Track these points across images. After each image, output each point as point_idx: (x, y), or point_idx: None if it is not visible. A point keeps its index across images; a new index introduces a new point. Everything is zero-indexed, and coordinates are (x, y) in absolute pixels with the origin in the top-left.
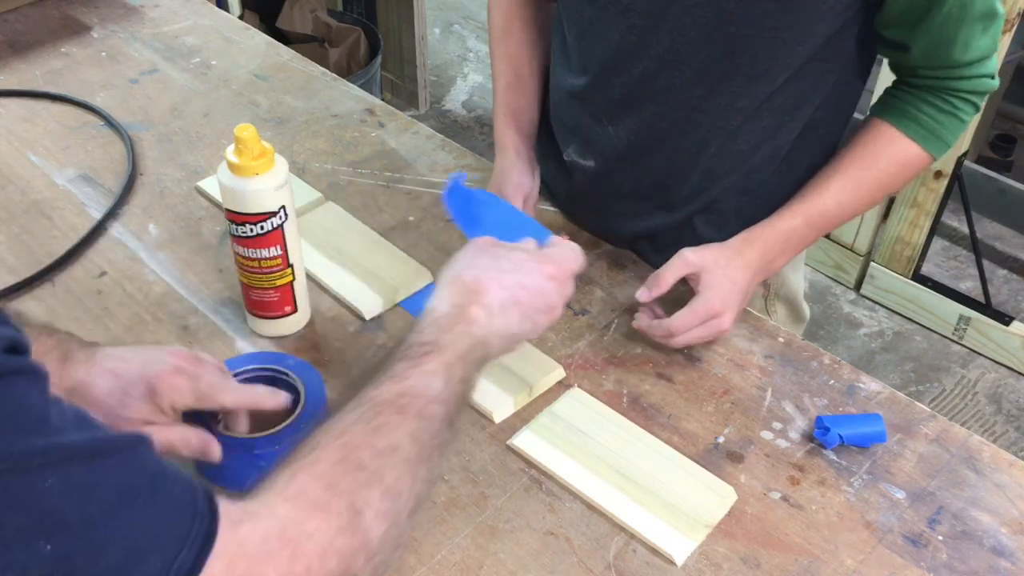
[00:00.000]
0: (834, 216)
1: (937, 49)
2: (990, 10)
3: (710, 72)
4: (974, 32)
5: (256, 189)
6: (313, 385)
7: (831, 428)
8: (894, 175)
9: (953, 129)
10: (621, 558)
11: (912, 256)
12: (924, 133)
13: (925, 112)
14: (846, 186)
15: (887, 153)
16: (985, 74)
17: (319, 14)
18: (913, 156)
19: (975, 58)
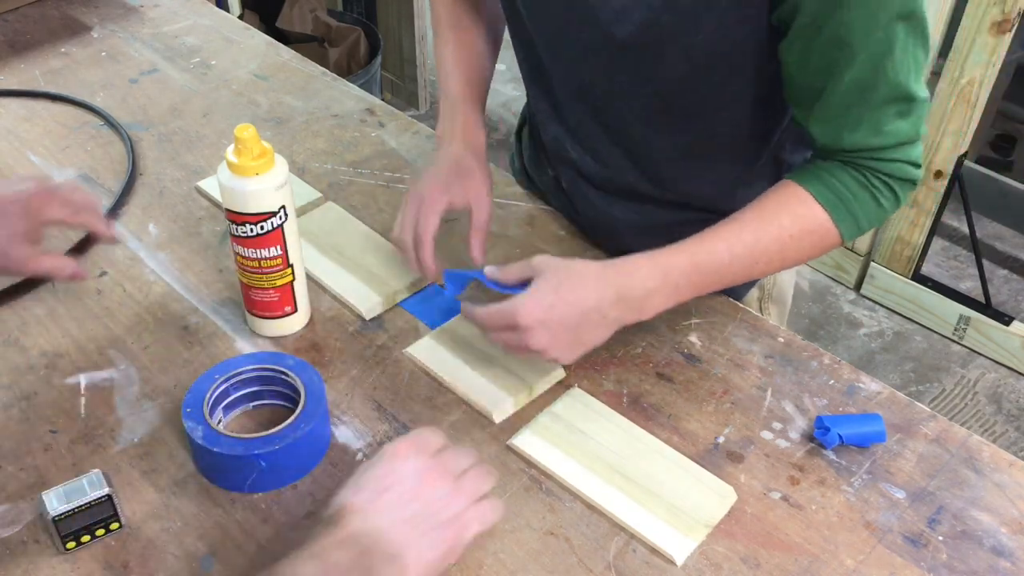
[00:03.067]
0: (725, 266)
1: (841, 131)
2: (902, 94)
3: (644, 112)
4: (884, 116)
5: (256, 189)
6: (313, 385)
7: (831, 428)
8: (795, 238)
9: (867, 209)
10: (621, 558)
11: (912, 256)
12: (834, 201)
13: (840, 180)
14: (743, 237)
15: (792, 212)
16: (904, 159)
17: (319, 14)
18: (819, 224)
19: (889, 143)
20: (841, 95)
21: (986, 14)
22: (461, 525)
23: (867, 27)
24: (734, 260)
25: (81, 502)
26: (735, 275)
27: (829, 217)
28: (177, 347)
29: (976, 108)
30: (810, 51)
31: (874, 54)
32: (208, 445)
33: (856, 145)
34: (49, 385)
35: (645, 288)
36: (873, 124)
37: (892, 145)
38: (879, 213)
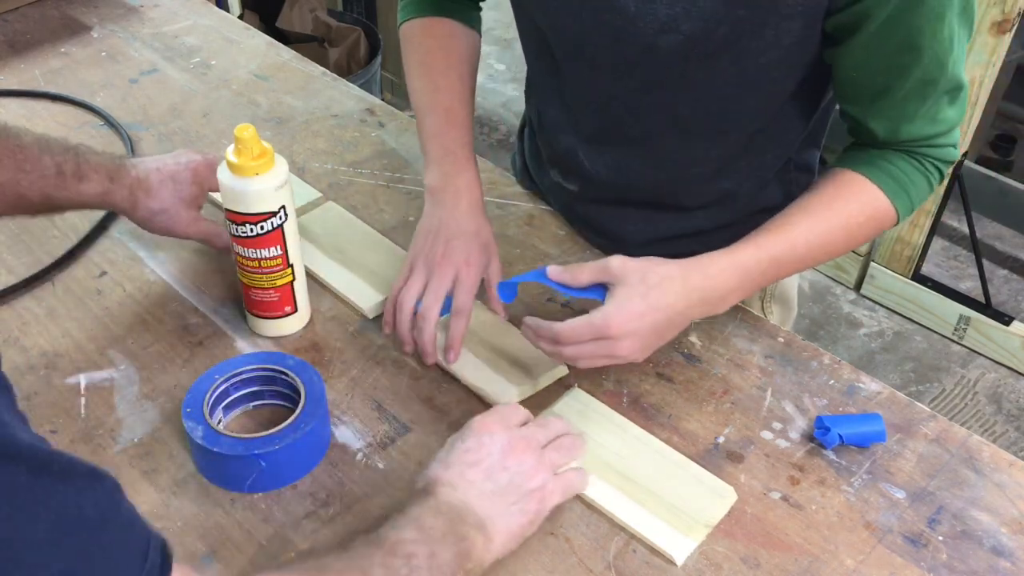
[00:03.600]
0: (801, 257)
1: (900, 124)
2: (956, 84)
3: (677, 125)
4: (940, 105)
5: (256, 189)
6: (313, 385)
7: (831, 428)
8: (862, 224)
9: (921, 190)
10: (621, 558)
11: (912, 256)
12: (895, 187)
13: (897, 166)
14: (815, 227)
15: (858, 200)
16: (951, 144)
17: (319, 14)
18: (882, 208)
19: (942, 130)
20: (905, 92)
21: (986, 14)
22: (543, 495)
23: (935, 28)
24: (809, 251)
25: None
26: (806, 264)
27: (891, 203)
28: (177, 347)
29: (976, 108)
30: (876, 54)
31: (940, 52)
32: (208, 445)
33: (913, 136)
34: (49, 385)
35: (727, 287)
36: (930, 115)
37: (944, 132)
38: (928, 191)
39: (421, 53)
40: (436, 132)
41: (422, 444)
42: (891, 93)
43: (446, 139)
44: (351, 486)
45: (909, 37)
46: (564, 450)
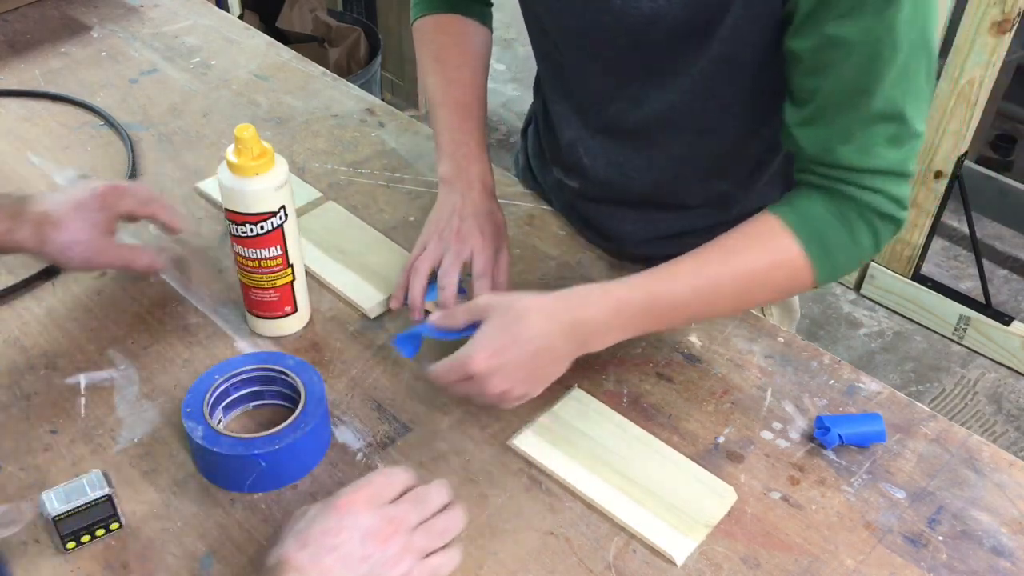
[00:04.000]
0: (684, 302)
1: (830, 142)
2: (896, 113)
3: (672, 121)
4: (874, 136)
5: (256, 189)
6: (313, 385)
7: (831, 428)
8: (764, 271)
9: (845, 247)
10: (621, 558)
11: (912, 256)
12: (808, 231)
13: (817, 211)
14: (705, 271)
15: (763, 243)
16: (887, 193)
17: (319, 14)
18: (791, 256)
19: (875, 167)
20: (835, 94)
21: (986, 14)
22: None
23: (865, 31)
24: (696, 296)
25: (81, 502)
26: (698, 311)
27: (802, 249)
28: (177, 347)
29: (976, 108)
30: (804, 45)
31: (871, 56)
32: (208, 445)
33: (840, 161)
34: (49, 385)
35: (596, 323)
36: (862, 142)
37: (878, 171)
38: (857, 251)
39: (435, 49)
40: (449, 125)
41: (422, 444)
42: (820, 95)
43: (458, 132)
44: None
45: (839, 30)
46: (437, 534)
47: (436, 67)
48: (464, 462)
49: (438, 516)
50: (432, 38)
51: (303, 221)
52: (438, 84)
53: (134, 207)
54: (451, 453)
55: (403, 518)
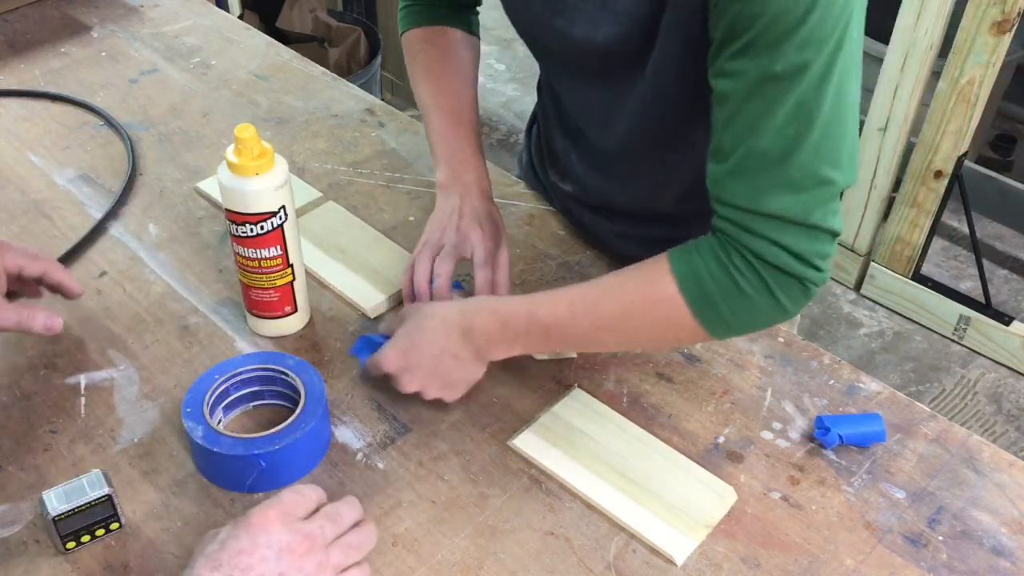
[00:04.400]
0: (566, 324)
1: (725, 177)
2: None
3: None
4: (765, 177)
5: (256, 189)
6: (313, 385)
7: (831, 428)
8: (639, 306)
9: (729, 297)
10: (621, 558)
11: (912, 256)
12: (687, 275)
13: (701, 254)
14: (586, 296)
15: (642, 279)
16: (782, 243)
17: (319, 14)
18: (666, 296)
19: (768, 211)
20: (727, 129)
21: (986, 14)
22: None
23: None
24: (575, 318)
25: (81, 502)
26: (579, 335)
27: (679, 293)
28: (177, 347)
29: (976, 108)
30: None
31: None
32: (208, 445)
33: (731, 199)
34: (49, 385)
35: (486, 333)
36: (752, 179)
37: (768, 215)
38: (746, 303)
39: (424, 59)
40: (443, 133)
41: (422, 444)
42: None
43: (453, 139)
44: (351, 486)
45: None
46: (352, 549)
47: (426, 76)
48: (464, 462)
49: (352, 531)
50: (420, 48)
51: (303, 221)
52: (429, 93)
53: (23, 263)
54: (451, 453)
55: (318, 534)
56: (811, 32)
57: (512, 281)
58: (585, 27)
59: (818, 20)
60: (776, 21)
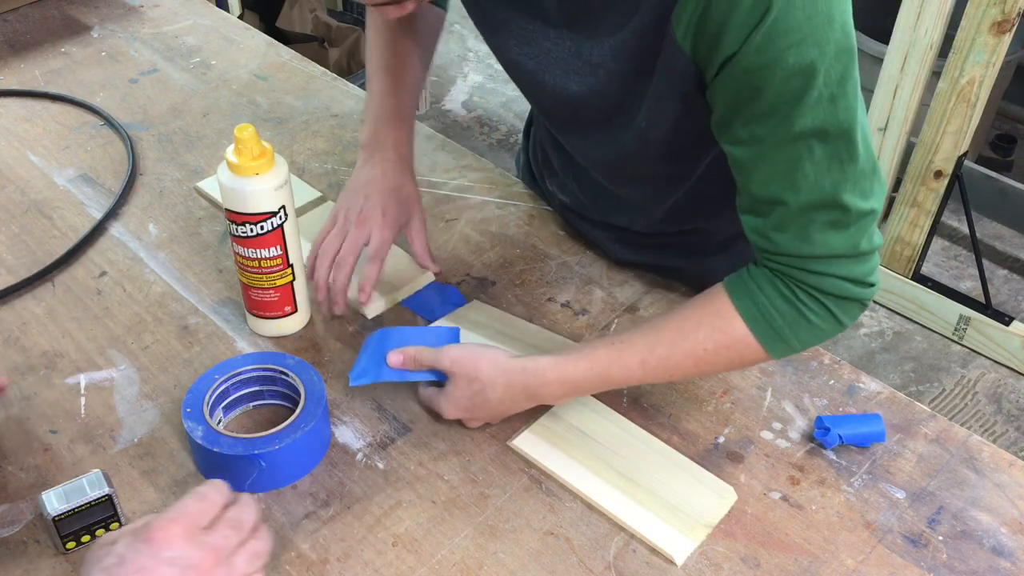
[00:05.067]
0: (637, 378)
1: (767, 230)
2: (830, 203)
3: (624, 171)
4: (811, 224)
5: (256, 189)
6: (313, 385)
7: (831, 428)
8: (712, 352)
9: (796, 328)
10: (621, 558)
11: (912, 256)
12: (756, 316)
13: (765, 293)
14: (656, 349)
15: (711, 326)
16: (838, 275)
17: (319, 14)
18: (737, 338)
19: (819, 254)
20: (760, 188)
21: (986, 14)
22: None
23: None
24: (647, 374)
25: (81, 502)
26: (650, 382)
27: (749, 332)
28: (177, 347)
29: (976, 108)
30: (725, 140)
31: (787, 156)
32: (208, 445)
33: (783, 249)
34: (49, 385)
35: (553, 396)
36: (800, 229)
37: (823, 256)
38: (811, 330)
39: (380, 22)
40: (377, 93)
41: (422, 444)
42: (747, 188)
43: (385, 100)
44: (351, 486)
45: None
46: (256, 557)
47: (377, 35)
48: (464, 462)
49: (253, 538)
50: None
51: (302, 221)
52: (375, 51)
53: None
54: (451, 453)
55: (223, 545)
56: (820, 92)
57: (429, 250)
58: (558, 75)
59: (825, 78)
60: (782, 91)
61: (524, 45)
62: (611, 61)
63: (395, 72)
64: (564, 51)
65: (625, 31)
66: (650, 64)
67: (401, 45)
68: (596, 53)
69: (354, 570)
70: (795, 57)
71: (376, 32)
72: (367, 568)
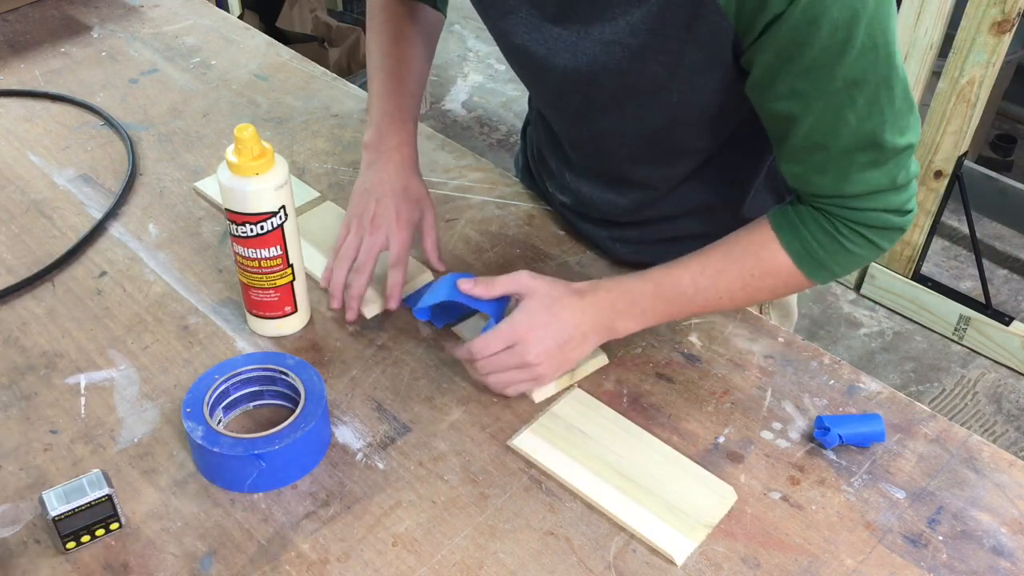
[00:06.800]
0: (689, 296)
1: (809, 175)
2: (870, 143)
3: (626, 150)
4: (851, 166)
5: (256, 189)
6: (313, 385)
7: (831, 428)
8: (758, 278)
9: (838, 258)
10: (621, 558)
11: (912, 256)
12: (800, 250)
13: (808, 228)
14: (706, 270)
15: (757, 256)
16: (879, 208)
17: (319, 14)
18: (782, 268)
19: (859, 191)
20: (802, 139)
21: (986, 14)
22: None
23: (820, 87)
24: (698, 292)
25: (81, 502)
26: (701, 305)
27: (793, 264)
28: (177, 347)
29: (976, 108)
30: (767, 99)
31: (830, 106)
32: (208, 445)
33: (823, 191)
34: (49, 385)
35: (616, 311)
36: (840, 171)
37: (862, 193)
38: (852, 259)
39: (380, 21)
40: (380, 94)
41: (422, 444)
42: (791, 138)
43: (388, 101)
44: (351, 486)
45: (795, 86)
46: None
47: (378, 39)
48: (464, 462)
49: None
50: (380, 12)
51: (302, 221)
52: (377, 53)
53: None
54: (451, 453)
55: None
56: (864, 41)
57: (439, 247)
58: (567, 58)
59: (868, 28)
60: (828, 44)
61: (533, 31)
62: (629, 37)
63: (396, 72)
64: (574, 35)
65: (645, 7)
66: (680, 36)
67: (402, 46)
68: (609, 31)
69: (354, 570)
70: (839, 11)
71: (376, 33)
72: (367, 568)
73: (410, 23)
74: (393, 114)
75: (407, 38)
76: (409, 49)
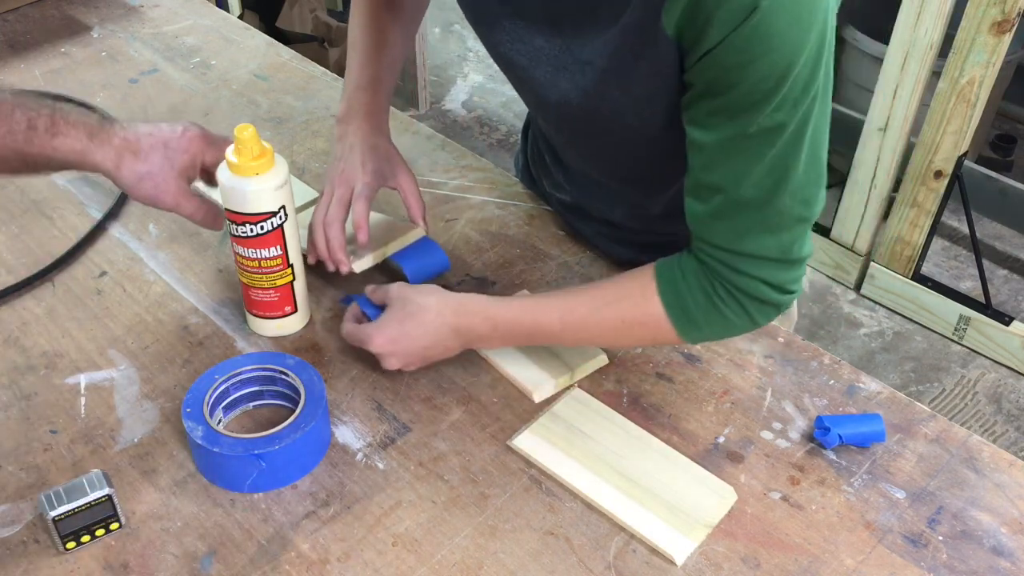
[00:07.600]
0: (556, 332)
1: (708, 219)
2: (766, 200)
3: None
4: (746, 221)
5: (256, 189)
6: (313, 385)
7: (831, 428)
8: (627, 325)
9: (710, 318)
10: (621, 558)
11: (912, 256)
12: (674, 302)
13: (687, 281)
14: (577, 311)
15: (632, 302)
16: (762, 278)
17: (319, 14)
18: (653, 317)
19: (750, 252)
20: (704, 172)
21: (986, 14)
22: None
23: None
24: (564, 330)
25: (81, 502)
26: (572, 341)
27: (665, 315)
28: (177, 347)
29: (976, 108)
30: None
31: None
32: (208, 445)
33: (716, 240)
34: (49, 385)
35: (477, 332)
36: (735, 224)
37: (751, 255)
38: (725, 324)
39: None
40: (354, 67)
41: (422, 444)
42: (692, 172)
43: (363, 74)
44: (351, 486)
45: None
46: None
47: (358, 15)
48: (464, 462)
49: None
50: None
51: (301, 220)
52: (357, 25)
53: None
54: (451, 453)
55: None
56: (786, 95)
57: (421, 199)
58: (548, 72)
59: (792, 83)
60: (752, 90)
61: (516, 41)
62: (599, 58)
63: (374, 46)
64: (555, 48)
65: (615, 27)
66: (637, 60)
67: (382, 21)
68: (587, 50)
69: (354, 570)
70: (770, 63)
71: (357, 9)
72: (367, 568)
73: (394, 2)
74: (365, 87)
75: (388, 13)
76: (388, 23)
